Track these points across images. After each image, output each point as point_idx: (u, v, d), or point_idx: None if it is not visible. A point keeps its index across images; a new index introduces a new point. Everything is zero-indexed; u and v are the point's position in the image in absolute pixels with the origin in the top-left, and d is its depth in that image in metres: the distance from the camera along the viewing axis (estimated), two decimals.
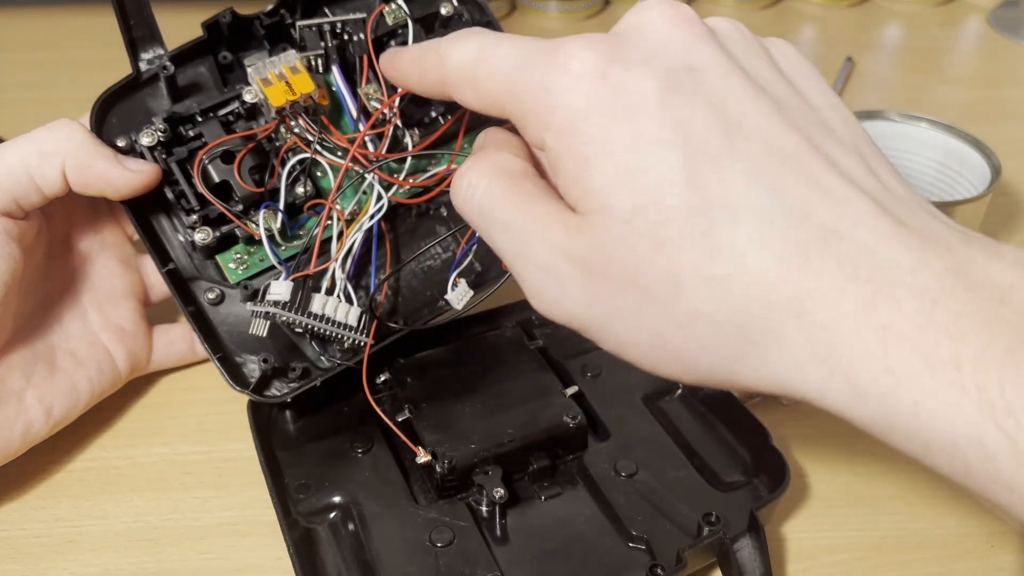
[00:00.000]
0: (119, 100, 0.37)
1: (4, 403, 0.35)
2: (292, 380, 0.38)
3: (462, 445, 0.35)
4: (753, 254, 0.21)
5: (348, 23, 0.38)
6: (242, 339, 0.38)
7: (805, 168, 0.22)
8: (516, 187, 0.25)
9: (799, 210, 0.21)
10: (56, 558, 0.35)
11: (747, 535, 0.33)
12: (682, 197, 0.21)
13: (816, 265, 0.20)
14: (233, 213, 0.37)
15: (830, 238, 0.21)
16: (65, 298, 0.39)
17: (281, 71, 0.36)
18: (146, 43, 0.37)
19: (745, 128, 0.22)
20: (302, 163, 0.37)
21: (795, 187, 0.21)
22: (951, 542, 0.36)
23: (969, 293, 0.20)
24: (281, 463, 0.37)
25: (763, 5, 0.80)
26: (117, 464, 0.39)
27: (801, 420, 0.41)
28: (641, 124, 0.22)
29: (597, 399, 0.39)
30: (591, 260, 0.22)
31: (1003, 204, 0.55)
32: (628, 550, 0.33)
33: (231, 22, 0.37)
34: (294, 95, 0.36)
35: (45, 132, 0.35)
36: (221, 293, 0.38)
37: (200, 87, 0.38)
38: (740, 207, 0.21)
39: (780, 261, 0.21)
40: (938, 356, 0.19)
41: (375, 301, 0.38)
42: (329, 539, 0.34)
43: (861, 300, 0.20)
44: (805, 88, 0.24)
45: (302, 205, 0.38)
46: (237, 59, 0.38)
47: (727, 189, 0.21)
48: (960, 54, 0.77)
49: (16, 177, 0.34)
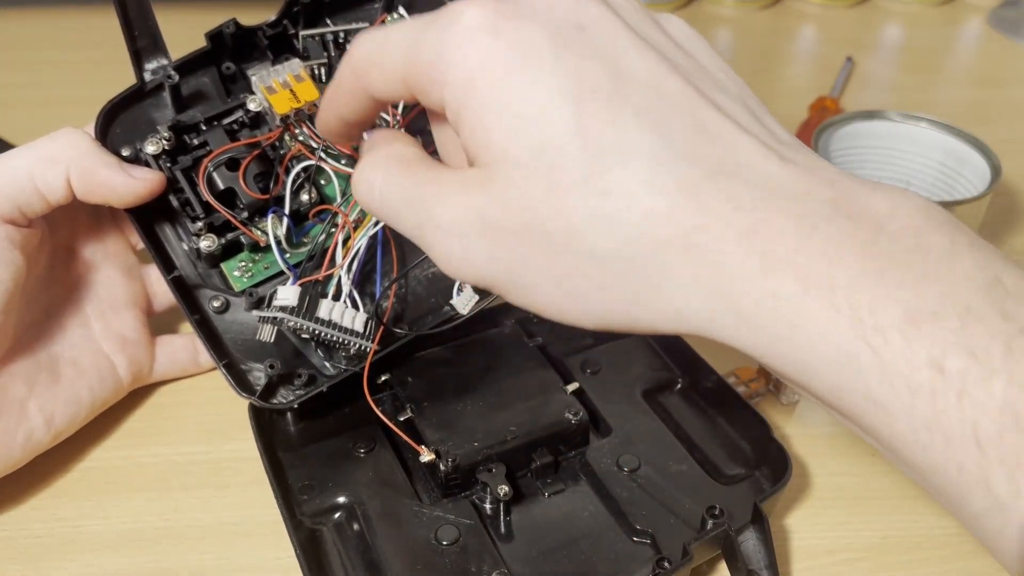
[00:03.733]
0: (123, 110, 0.37)
1: (6, 412, 0.35)
2: (298, 387, 0.37)
3: (465, 443, 0.35)
4: (643, 193, 0.21)
5: (350, 33, 0.39)
6: (247, 347, 0.38)
7: (693, 113, 0.23)
8: (410, 168, 0.25)
9: (687, 150, 0.22)
10: (57, 558, 0.35)
11: (751, 527, 0.33)
12: (574, 142, 0.22)
13: (703, 201, 0.21)
14: (238, 220, 0.37)
15: (718, 175, 0.22)
16: (68, 307, 0.39)
17: (285, 79, 0.36)
18: (150, 53, 0.37)
19: (634, 77, 0.23)
20: (306, 170, 0.37)
21: (683, 130, 0.22)
22: (951, 542, 0.36)
23: (848, 221, 0.21)
24: (284, 464, 0.37)
25: (763, 5, 0.80)
26: (118, 464, 0.39)
27: (801, 419, 0.41)
28: (534, 74, 0.22)
29: (597, 395, 0.39)
30: (491, 213, 0.23)
31: (1003, 204, 0.55)
32: (633, 544, 0.33)
33: (234, 32, 0.37)
34: (298, 103, 0.36)
35: (48, 140, 0.35)
36: (226, 301, 0.38)
37: (204, 97, 0.39)
38: (630, 150, 0.22)
39: (668, 199, 0.21)
40: (815, 279, 0.20)
41: (381, 307, 0.38)
42: (334, 539, 0.34)
43: (745, 230, 0.21)
44: (694, 51, 0.25)
45: (307, 212, 0.38)
46: (240, 70, 0.39)
47: (617, 133, 0.22)
48: (960, 54, 0.77)
49: (20, 184, 0.34)
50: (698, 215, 0.21)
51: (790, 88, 0.69)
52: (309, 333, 0.36)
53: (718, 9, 0.80)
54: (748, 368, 0.42)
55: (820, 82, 0.68)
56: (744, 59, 0.73)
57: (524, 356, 0.40)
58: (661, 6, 0.77)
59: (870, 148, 0.52)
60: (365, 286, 0.38)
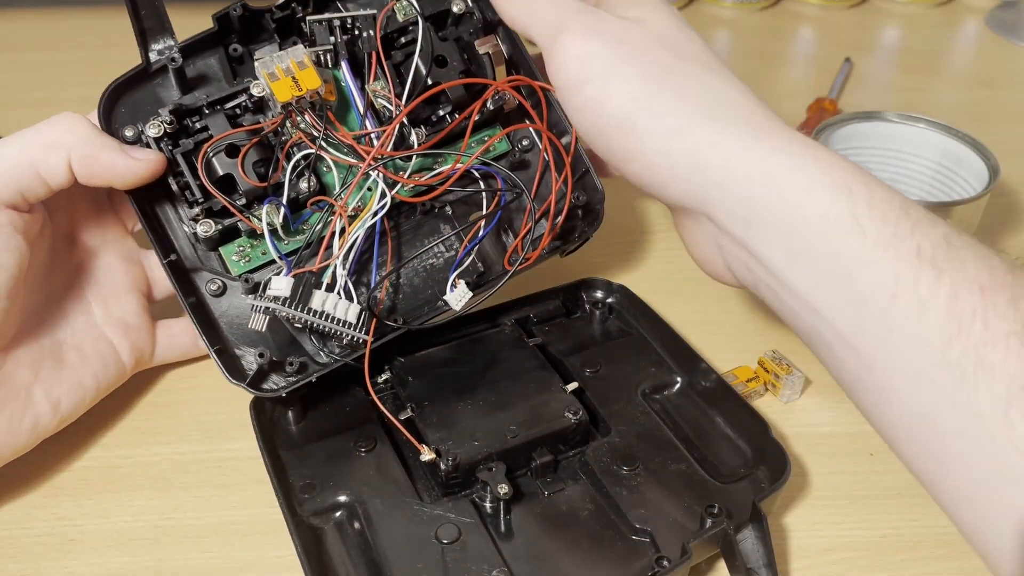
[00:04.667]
0: (128, 90, 0.37)
1: (12, 398, 0.35)
2: (289, 375, 0.37)
3: (466, 442, 0.36)
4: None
5: (358, 19, 0.38)
6: (242, 332, 0.38)
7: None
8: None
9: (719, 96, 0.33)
10: (58, 557, 0.35)
11: (750, 526, 0.34)
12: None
13: (719, 126, 0.32)
14: (236, 207, 0.37)
15: (729, 115, 0.32)
16: (69, 293, 0.39)
17: (288, 66, 0.36)
18: (156, 34, 0.37)
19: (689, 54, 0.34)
20: (306, 159, 0.37)
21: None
22: (949, 541, 0.36)
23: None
24: (285, 463, 0.37)
25: (763, 6, 0.80)
26: (118, 463, 0.39)
27: (800, 419, 0.41)
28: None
29: (597, 394, 0.40)
30: (620, 48, 0.34)
31: (1001, 204, 0.55)
32: (632, 543, 0.34)
33: (242, 15, 0.37)
34: (300, 91, 0.36)
35: (47, 126, 0.35)
36: (223, 284, 0.39)
37: (210, 79, 0.38)
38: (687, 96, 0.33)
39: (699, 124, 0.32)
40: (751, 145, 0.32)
41: (374, 299, 0.38)
42: (336, 538, 0.34)
43: (742, 142, 0.31)
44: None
45: (305, 201, 0.38)
46: (248, 51, 0.38)
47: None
48: (958, 55, 0.77)
49: (21, 170, 0.34)
50: (714, 135, 0.32)
51: (788, 89, 0.70)
52: (302, 323, 0.36)
53: (717, 10, 0.80)
54: (747, 368, 0.42)
55: (818, 83, 0.68)
56: (743, 60, 0.73)
57: (523, 356, 0.40)
58: None
59: (868, 149, 0.52)
60: (361, 276, 0.38)
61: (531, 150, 0.42)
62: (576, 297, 0.45)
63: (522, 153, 0.42)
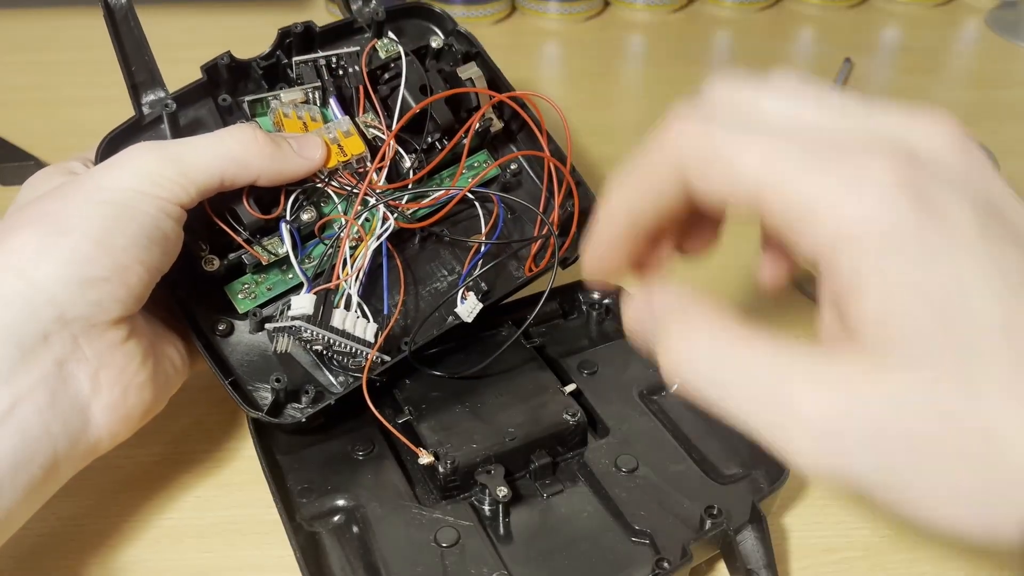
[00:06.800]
0: (124, 141, 0.37)
1: (160, 359, 0.35)
2: (306, 405, 0.37)
3: (464, 445, 0.36)
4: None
5: (343, 56, 0.40)
6: (253, 368, 0.38)
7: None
8: (745, 341, 0.22)
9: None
10: (57, 556, 0.35)
11: (749, 527, 0.34)
12: (1001, 344, 0.19)
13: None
14: (243, 238, 0.37)
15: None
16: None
17: (335, 136, 0.38)
18: (147, 87, 0.38)
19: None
20: (305, 192, 0.38)
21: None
22: (949, 542, 0.36)
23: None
24: (283, 467, 0.37)
25: (763, 6, 0.80)
26: (119, 463, 0.39)
27: None
28: (956, 255, 0.20)
29: (595, 396, 0.40)
30: (882, 411, 0.20)
31: None
32: (632, 545, 0.34)
33: (229, 64, 0.38)
34: (344, 156, 0.37)
35: (239, 145, 0.34)
36: (230, 324, 0.38)
37: (201, 127, 0.39)
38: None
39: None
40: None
41: (387, 317, 0.38)
42: (334, 543, 0.34)
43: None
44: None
45: (308, 232, 0.38)
46: (236, 101, 0.39)
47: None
48: (958, 55, 0.77)
49: (210, 180, 0.34)
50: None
51: None
52: (323, 343, 0.36)
53: (717, 10, 0.80)
54: None
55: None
56: (743, 60, 0.73)
57: (521, 357, 0.40)
58: (660, 7, 0.78)
59: None
60: (370, 300, 0.38)
61: (520, 173, 0.43)
62: (573, 299, 0.45)
63: (512, 176, 0.43)
